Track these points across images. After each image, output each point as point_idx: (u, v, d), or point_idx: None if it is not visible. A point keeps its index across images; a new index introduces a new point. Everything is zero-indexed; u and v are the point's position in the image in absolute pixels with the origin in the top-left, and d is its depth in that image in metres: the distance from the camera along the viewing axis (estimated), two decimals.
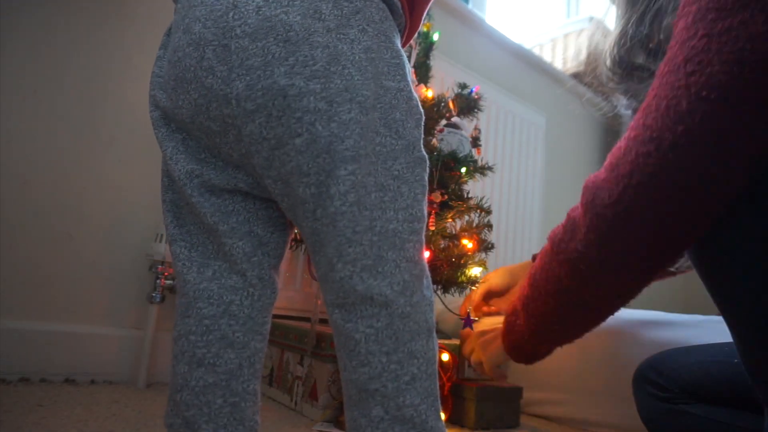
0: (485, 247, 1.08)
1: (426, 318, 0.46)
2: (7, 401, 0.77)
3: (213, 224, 0.50)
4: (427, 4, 0.58)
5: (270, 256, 0.52)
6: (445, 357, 0.97)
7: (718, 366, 0.70)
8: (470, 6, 1.92)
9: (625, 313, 1.14)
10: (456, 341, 1.07)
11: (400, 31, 0.54)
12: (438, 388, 0.47)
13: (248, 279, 0.51)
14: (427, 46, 1.13)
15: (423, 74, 1.12)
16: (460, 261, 1.04)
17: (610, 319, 1.23)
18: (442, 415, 0.52)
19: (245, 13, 0.45)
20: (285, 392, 0.98)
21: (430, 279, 0.49)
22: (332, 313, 0.46)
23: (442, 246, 1.05)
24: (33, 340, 0.93)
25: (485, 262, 1.09)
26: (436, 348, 0.47)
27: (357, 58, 0.46)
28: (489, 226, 1.09)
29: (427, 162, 0.50)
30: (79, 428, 0.68)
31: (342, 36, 0.46)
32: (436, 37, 1.14)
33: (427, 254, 0.99)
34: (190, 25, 0.47)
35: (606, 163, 0.45)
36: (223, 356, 0.49)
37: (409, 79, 0.50)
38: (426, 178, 0.50)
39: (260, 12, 0.45)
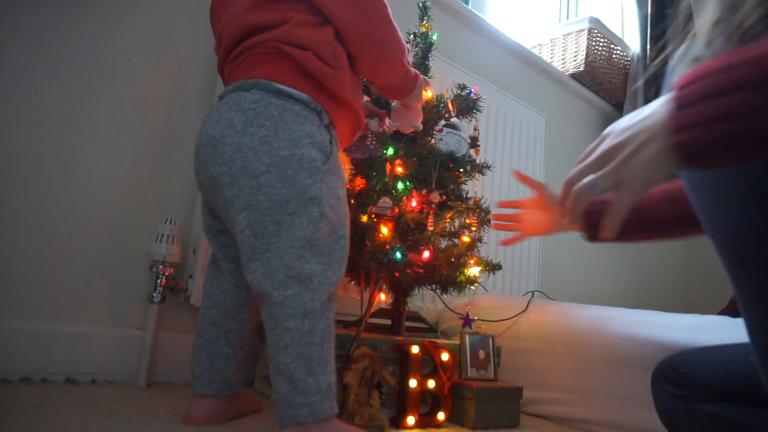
0: (482, 220, 1.09)
1: (300, 304, 0.68)
2: (7, 401, 0.77)
3: (216, 253, 0.83)
4: (347, 83, 0.80)
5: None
6: (445, 357, 0.97)
7: (733, 364, 0.70)
8: (470, 6, 1.93)
9: (624, 313, 1.14)
10: (456, 341, 1.07)
11: (319, 111, 0.78)
12: (321, 354, 0.68)
13: (233, 286, 0.82)
14: (426, 47, 1.13)
15: (422, 75, 1.11)
16: (460, 260, 1.04)
17: (610, 320, 1.23)
18: (327, 377, 0.69)
19: (203, 134, 0.77)
20: None
21: (317, 280, 0.70)
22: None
23: (442, 246, 1.05)
24: (33, 340, 0.93)
25: (485, 260, 1.10)
26: (317, 325, 0.69)
27: (254, 145, 0.72)
28: (487, 221, 1.10)
29: (319, 199, 0.72)
30: (80, 428, 0.68)
31: (246, 133, 0.72)
32: (435, 37, 1.14)
33: (426, 254, 0.99)
34: (197, 140, 0.79)
35: None
36: (208, 330, 0.81)
37: (308, 143, 0.74)
38: (316, 211, 0.72)
39: (207, 132, 0.76)
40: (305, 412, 0.66)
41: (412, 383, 0.91)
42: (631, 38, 2.35)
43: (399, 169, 1.01)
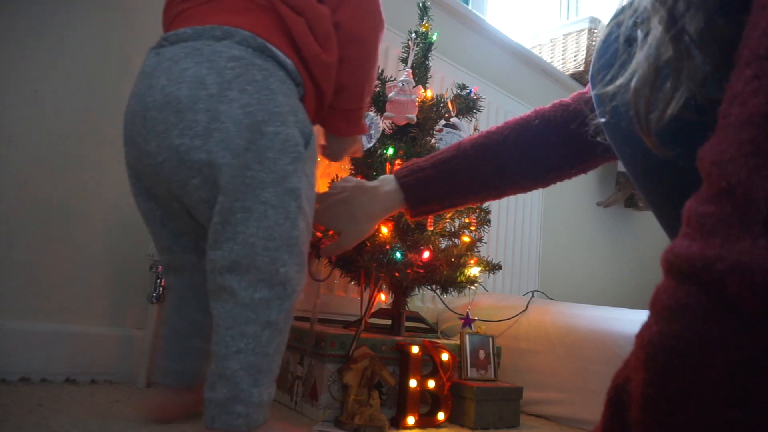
0: (481, 219, 1.09)
1: (265, 312, 0.61)
2: (7, 401, 0.77)
3: (171, 246, 0.74)
4: (329, 71, 0.71)
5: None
6: (445, 357, 0.97)
7: None
8: (470, 6, 1.92)
9: (624, 313, 1.14)
10: (456, 341, 1.07)
11: (298, 84, 0.68)
12: (271, 366, 0.63)
13: (196, 280, 0.74)
14: (426, 47, 1.13)
15: (422, 75, 1.11)
16: (460, 260, 1.04)
17: (610, 320, 1.24)
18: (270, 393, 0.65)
19: (154, 91, 0.62)
20: (285, 392, 0.98)
21: (291, 286, 0.63)
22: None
23: (442, 246, 1.05)
24: (33, 340, 0.93)
25: (485, 260, 1.09)
26: (275, 337, 0.62)
27: (234, 113, 0.60)
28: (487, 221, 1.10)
29: (298, 192, 0.63)
30: (80, 428, 0.68)
31: (223, 98, 0.60)
32: (435, 37, 1.14)
33: (426, 254, 0.99)
34: (129, 100, 0.66)
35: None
36: (176, 322, 0.78)
37: (293, 120, 0.64)
38: (294, 205, 0.63)
39: (163, 90, 0.61)
40: (240, 421, 0.61)
41: (412, 383, 0.91)
42: None
43: None
